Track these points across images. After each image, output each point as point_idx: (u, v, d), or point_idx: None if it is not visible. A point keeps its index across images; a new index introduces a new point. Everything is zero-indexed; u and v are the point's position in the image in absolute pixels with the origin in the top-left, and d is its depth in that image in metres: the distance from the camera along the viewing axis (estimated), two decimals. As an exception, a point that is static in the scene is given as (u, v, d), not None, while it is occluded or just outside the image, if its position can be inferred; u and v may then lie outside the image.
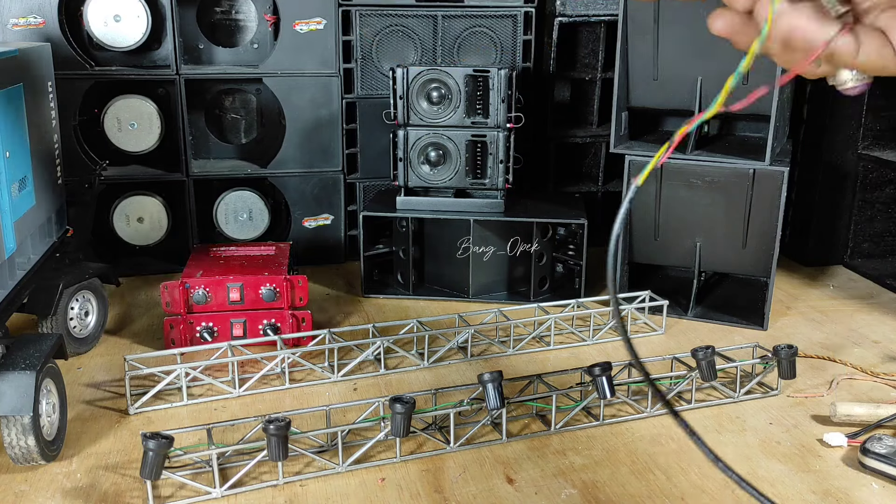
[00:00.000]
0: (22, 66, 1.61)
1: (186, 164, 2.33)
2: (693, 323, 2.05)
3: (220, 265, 1.89)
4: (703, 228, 2.02)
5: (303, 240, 2.44)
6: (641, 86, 2.01)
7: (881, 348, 1.92)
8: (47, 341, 1.42)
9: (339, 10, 2.33)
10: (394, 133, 2.15)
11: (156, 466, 1.24)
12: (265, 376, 1.71)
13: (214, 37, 2.44)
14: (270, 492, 1.33)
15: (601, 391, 1.49)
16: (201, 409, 1.60)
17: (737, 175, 1.93)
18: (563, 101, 2.60)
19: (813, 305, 2.18)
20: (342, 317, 2.09)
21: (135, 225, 2.36)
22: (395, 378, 1.74)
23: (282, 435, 1.28)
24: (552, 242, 2.22)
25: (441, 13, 2.40)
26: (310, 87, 2.37)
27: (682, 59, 1.93)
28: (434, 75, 2.09)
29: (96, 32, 2.22)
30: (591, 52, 2.55)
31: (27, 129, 1.61)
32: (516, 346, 1.88)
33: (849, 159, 2.40)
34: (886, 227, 2.51)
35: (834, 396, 1.67)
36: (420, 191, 2.20)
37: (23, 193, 1.56)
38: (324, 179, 2.44)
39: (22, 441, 1.31)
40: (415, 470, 1.39)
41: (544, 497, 1.32)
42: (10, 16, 2.15)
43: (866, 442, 1.41)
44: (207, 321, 1.82)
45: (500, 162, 2.12)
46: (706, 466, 1.41)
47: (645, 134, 2.15)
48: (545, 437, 1.50)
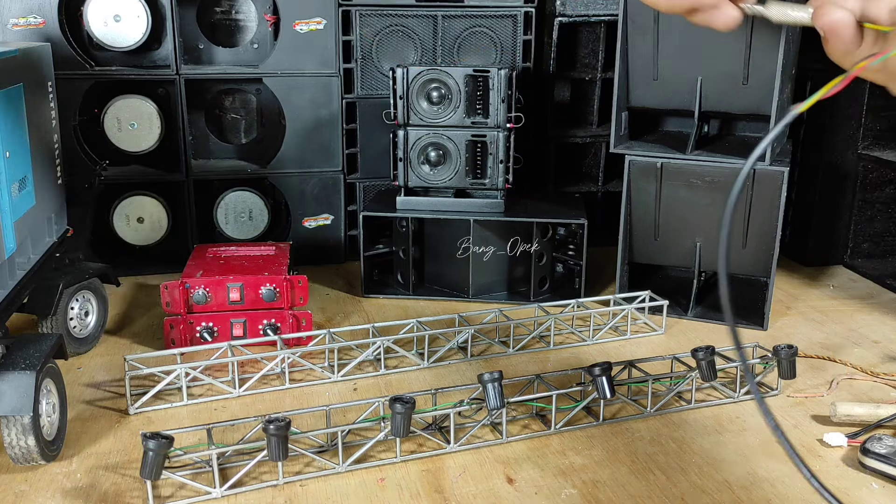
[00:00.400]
0: (22, 66, 1.61)
1: (186, 164, 2.33)
2: (693, 323, 2.05)
3: (220, 265, 1.89)
4: (703, 228, 2.02)
5: (303, 240, 2.44)
6: (641, 86, 2.01)
7: (881, 348, 1.92)
8: (47, 341, 1.41)
9: (339, 10, 2.33)
10: (394, 133, 2.15)
11: (156, 466, 1.24)
12: (265, 376, 1.71)
13: (214, 37, 2.44)
14: (270, 492, 1.33)
15: (601, 391, 1.49)
16: (201, 409, 1.60)
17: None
18: (563, 101, 2.60)
19: (813, 305, 2.18)
20: (342, 317, 2.09)
21: (135, 225, 2.36)
22: (395, 378, 1.74)
23: (282, 435, 1.28)
24: (552, 242, 2.22)
25: (441, 13, 2.40)
26: (310, 87, 2.37)
27: (682, 59, 1.93)
28: (434, 75, 2.09)
29: (96, 32, 2.22)
30: (591, 52, 2.55)
31: (27, 129, 1.61)
32: (516, 346, 1.88)
33: (849, 159, 2.40)
34: (886, 227, 2.51)
35: (834, 396, 1.67)
36: (420, 191, 2.20)
37: (23, 193, 1.56)
38: (324, 179, 2.44)
39: (22, 441, 1.31)
40: (415, 470, 1.39)
41: (544, 497, 1.32)
42: (10, 16, 2.15)
43: (866, 442, 1.41)
44: (207, 321, 1.82)
45: (500, 162, 2.12)
46: (706, 466, 1.41)
47: (645, 134, 2.15)
48: (545, 437, 1.50)
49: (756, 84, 1.86)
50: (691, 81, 1.94)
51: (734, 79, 1.88)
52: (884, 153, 2.35)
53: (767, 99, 1.84)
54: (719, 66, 1.88)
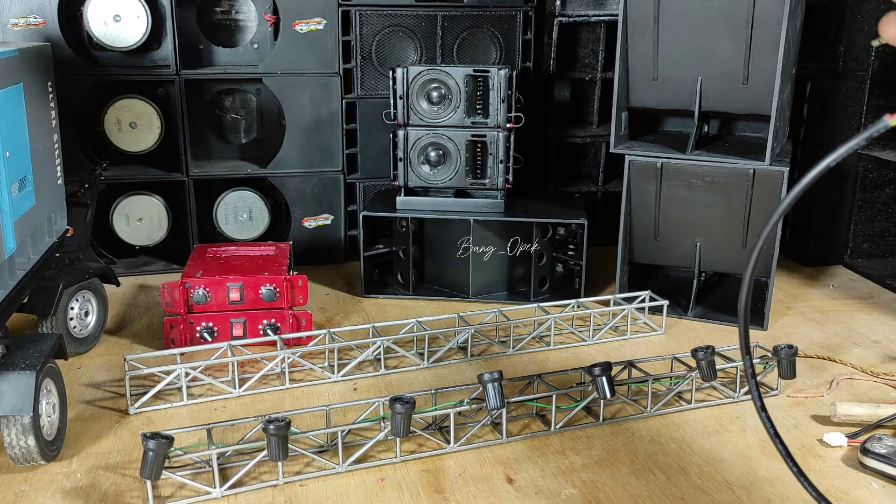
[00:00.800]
0: (22, 66, 1.61)
1: (186, 164, 2.33)
2: (693, 323, 2.05)
3: (220, 265, 1.89)
4: (703, 228, 2.02)
5: (303, 240, 2.44)
6: (641, 86, 2.01)
7: (881, 348, 1.92)
8: (47, 341, 1.41)
9: (339, 10, 2.33)
10: (394, 133, 2.15)
11: (156, 466, 1.24)
12: (265, 376, 1.71)
13: (214, 37, 2.44)
14: (270, 492, 1.33)
15: (601, 391, 1.49)
16: (201, 409, 1.60)
17: (737, 175, 1.93)
18: (563, 101, 2.60)
19: (813, 305, 2.18)
20: (342, 317, 2.09)
21: (135, 225, 2.36)
22: (395, 378, 1.74)
23: (282, 435, 1.28)
24: (552, 242, 2.22)
25: (441, 13, 2.40)
26: (310, 87, 2.37)
27: (682, 59, 1.93)
28: (434, 75, 2.09)
29: (96, 32, 2.22)
30: (591, 52, 2.55)
31: (27, 129, 1.61)
32: (516, 346, 1.88)
33: (849, 159, 2.40)
34: (886, 227, 2.51)
35: (834, 396, 1.67)
36: (420, 191, 2.20)
37: (23, 193, 1.56)
38: (324, 179, 2.44)
39: (22, 441, 1.31)
40: (415, 470, 1.39)
41: (544, 497, 1.32)
42: (10, 16, 2.15)
43: (866, 442, 1.41)
44: (207, 321, 1.82)
45: (500, 162, 2.12)
46: (706, 466, 1.41)
47: (645, 134, 2.15)
48: (545, 437, 1.50)
49: (756, 84, 1.86)
50: (691, 81, 1.94)
51: (734, 79, 1.88)
52: (884, 153, 2.35)
53: (767, 99, 1.84)
54: (719, 66, 1.88)
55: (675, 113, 2.10)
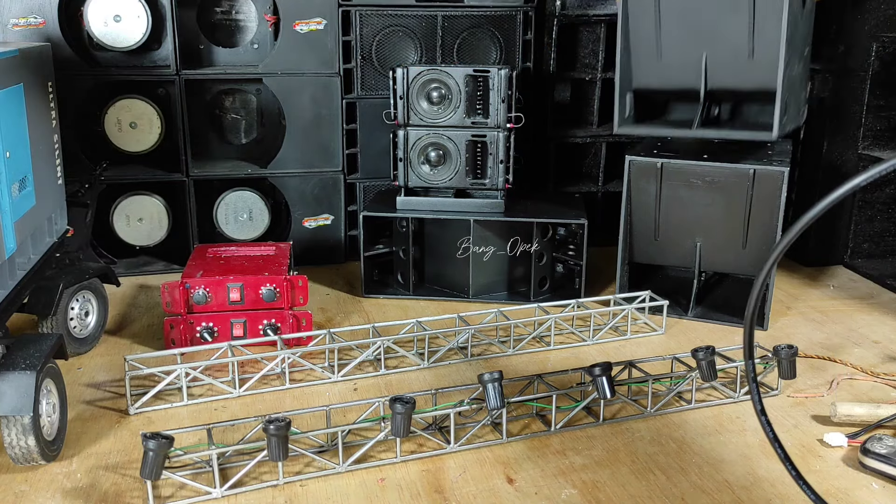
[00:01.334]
0: (22, 66, 1.61)
1: (186, 164, 2.33)
2: (693, 323, 2.05)
3: (221, 265, 1.89)
4: (703, 228, 2.02)
5: (303, 240, 2.44)
6: (645, 66, 1.95)
7: (881, 348, 1.92)
8: (47, 341, 1.41)
9: (339, 10, 2.33)
10: (394, 133, 2.15)
11: (156, 466, 1.24)
12: (265, 376, 1.71)
13: (214, 37, 2.44)
14: (270, 492, 1.33)
15: (601, 391, 1.49)
16: (201, 409, 1.60)
17: (737, 175, 1.92)
18: (563, 101, 2.60)
19: (813, 305, 2.18)
20: (342, 317, 2.09)
21: (135, 225, 2.36)
22: (395, 378, 1.74)
23: (282, 435, 1.28)
24: (552, 242, 2.22)
25: (441, 13, 2.40)
26: (310, 87, 2.37)
27: (685, 36, 1.86)
28: (434, 75, 2.09)
29: (96, 32, 2.22)
30: (591, 52, 2.55)
31: (27, 129, 1.61)
32: (516, 347, 1.88)
33: (849, 159, 2.40)
34: (886, 227, 2.51)
35: (834, 396, 1.67)
36: (420, 191, 2.20)
37: (23, 193, 1.56)
38: (324, 179, 2.44)
39: (22, 441, 1.31)
40: (415, 470, 1.39)
41: (544, 497, 1.32)
42: (11, 16, 2.15)
43: (866, 442, 1.40)
44: (207, 321, 1.82)
45: (500, 162, 2.12)
46: (706, 466, 1.41)
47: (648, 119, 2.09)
48: (545, 437, 1.50)
49: (762, 57, 1.79)
50: (696, 59, 1.87)
51: (740, 53, 1.81)
52: (884, 153, 2.35)
53: (774, 73, 1.78)
54: (724, 40, 1.81)
55: (681, 97, 2.03)
